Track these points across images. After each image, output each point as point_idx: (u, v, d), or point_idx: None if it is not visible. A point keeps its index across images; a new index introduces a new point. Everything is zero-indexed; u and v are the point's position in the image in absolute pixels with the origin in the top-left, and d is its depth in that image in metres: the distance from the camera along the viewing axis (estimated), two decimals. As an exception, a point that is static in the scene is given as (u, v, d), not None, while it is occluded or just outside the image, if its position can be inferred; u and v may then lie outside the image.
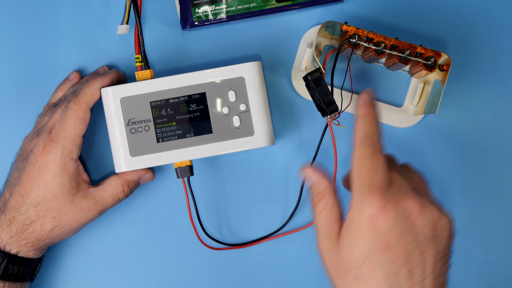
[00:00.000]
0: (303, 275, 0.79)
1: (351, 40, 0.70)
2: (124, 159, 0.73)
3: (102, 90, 0.72)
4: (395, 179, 0.60)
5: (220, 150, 0.73)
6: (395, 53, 0.70)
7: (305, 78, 0.70)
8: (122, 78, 0.77)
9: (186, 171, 0.73)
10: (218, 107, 0.73)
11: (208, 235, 0.77)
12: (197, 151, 0.73)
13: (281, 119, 0.79)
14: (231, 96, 0.73)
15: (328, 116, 0.70)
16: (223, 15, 0.75)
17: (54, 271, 0.78)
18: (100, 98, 0.72)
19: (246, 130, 0.73)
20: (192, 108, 0.73)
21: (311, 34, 0.78)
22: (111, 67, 0.78)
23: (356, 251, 0.58)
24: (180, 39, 0.78)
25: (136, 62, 0.75)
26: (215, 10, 0.75)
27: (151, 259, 0.79)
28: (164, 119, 0.73)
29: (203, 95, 0.73)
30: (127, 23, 0.75)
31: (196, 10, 0.75)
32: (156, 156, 0.73)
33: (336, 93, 0.76)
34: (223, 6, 0.75)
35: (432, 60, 0.70)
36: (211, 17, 0.75)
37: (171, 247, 0.79)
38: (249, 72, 0.73)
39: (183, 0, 0.75)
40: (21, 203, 0.70)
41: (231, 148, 0.73)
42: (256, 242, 0.79)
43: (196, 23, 0.76)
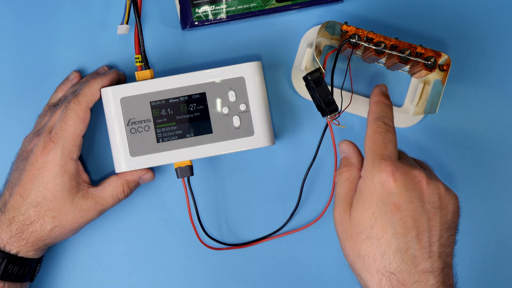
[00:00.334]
0: (303, 275, 0.79)
1: (351, 40, 0.70)
2: (124, 159, 0.73)
3: (102, 90, 0.72)
4: (404, 157, 0.65)
5: (220, 150, 0.73)
6: (395, 53, 0.70)
7: (305, 78, 0.70)
8: (122, 78, 0.77)
9: (186, 171, 0.73)
10: (218, 107, 0.73)
11: (208, 235, 0.77)
12: (197, 151, 0.73)
13: (281, 119, 0.79)
14: (231, 96, 0.73)
15: (328, 116, 0.70)
16: (223, 15, 0.75)
17: (54, 271, 0.78)
18: (100, 98, 0.72)
19: (246, 130, 0.73)
20: (192, 108, 0.73)
21: (311, 34, 0.78)
22: (111, 67, 0.78)
23: (367, 213, 0.61)
24: (180, 39, 0.78)
25: (136, 62, 0.75)
26: (215, 10, 0.75)
27: (151, 259, 0.79)
28: (164, 119, 0.73)
29: (203, 95, 0.73)
30: (127, 23, 0.75)
31: (196, 10, 0.75)
32: (156, 156, 0.73)
33: (336, 93, 0.76)
34: (223, 6, 0.75)
35: (432, 60, 0.70)
36: (211, 17, 0.75)
37: (171, 247, 0.79)
38: (249, 72, 0.73)
39: (183, 0, 0.75)
40: (21, 203, 0.70)
41: (231, 148, 0.73)
42: (256, 242, 0.79)
43: (196, 23, 0.76)
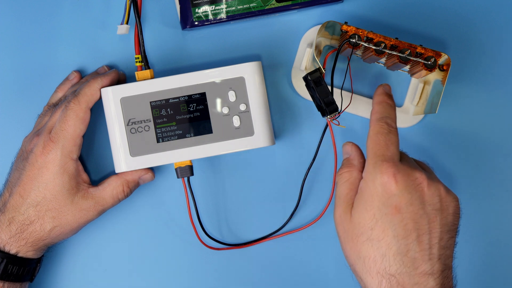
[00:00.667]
0: (303, 275, 0.79)
1: (351, 40, 0.70)
2: (124, 159, 0.73)
3: (102, 90, 0.72)
4: (406, 158, 0.65)
5: (220, 150, 0.73)
6: (395, 53, 0.70)
7: (305, 78, 0.70)
8: (122, 78, 0.77)
9: (186, 171, 0.73)
10: (218, 107, 0.73)
11: (208, 235, 0.77)
12: (197, 151, 0.73)
13: (281, 119, 0.79)
14: (231, 96, 0.73)
15: (328, 116, 0.70)
16: (223, 15, 0.75)
17: (54, 271, 0.78)
18: (100, 98, 0.72)
19: (246, 130, 0.73)
20: (192, 108, 0.73)
21: (311, 34, 0.78)
22: (111, 67, 0.78)
23: (368, 214, 0.61)
24: (180, 39, 0.78)
25: (136, 62, 0.75)
26: (215, 10, 0.75)
27: (151, 259, 0.79)
28: (164, 119, 0.73)
29: (203, 95, 0.73)
30: (127, 23, 0.75)
31: (196, 10, 0.75)
32: (156, 156, 0.73)
33: (336, 93, 0.76)
34: (223, 6, 0.75)
35: (432, 60, 0.70)
36: (211, 17, 0.75)
37: (171, 247, 0.79)
38: (249, 72, 0.73)
39: (183, 0, 0.75)
40: (20, 203, 0.70)
41: (231, 148, 0.73)
42: (256, 242, 0.79)
43: (196, 23, 0.76)
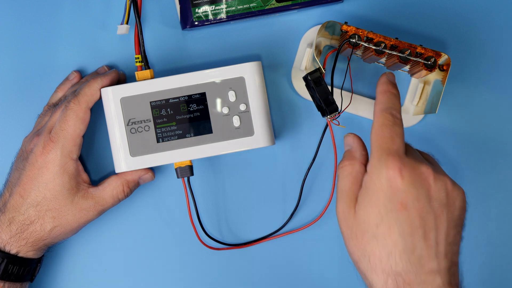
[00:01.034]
0: (303, 275, 0.79)
1: (351, 40, 0.70)
2: (124, 159, 0.73)
3: (102, 90, 0.72)
4: (411, 151, 0.63)
5: (220, 150, 0.73)
6: (395, 53, 0.70)
7: (305, 78, 0.70)
8: (122, 78, 0.77)
9: (186, 171, 0.73)
10: (218, 107, 0.73)
11: (208, 235, 0.77)
12: (197, 151, 0.73)
13: (281, 119, 0.79)
14: (231, 96, 0.73)
15: (328, 116, 0.70)
16: (223, 15, 0.75)
17: (54, 271, 0.78)
18: (100, 98, 0.72)
19: (246, 130, 0.73)
20: (192, 108, 0.73)
21: (311, 34, 0.78)
22: (111, 67, 0.78)
23: (373, 211, 0.60)
24: (180, 39, 0.78)
25: (136, 62, 0.75)
26: (215, 10, 0.75)
27: (151, 259, 0.79)
28: (164, 119, 0.73)
29: (203, 95, 0.73)
30: (127, 23, 0.75)
31: (196, 10, 0.75)
32: (156, 156, 0.73)
33: (336, 93, 0.76)
34: (223, 6, 0.75)
35: (432, 60, 0.70)
36: (211, 17, 0.75)
37: (171, 247, 0.79)
38: (249, 72, 0.73)
39: (183, 0, 0.75)
40: (21, 203, 0.70)
41: (231, 148, 0.73)
42: (256, 242, 0.79)
43: (196, 23, 0.76)
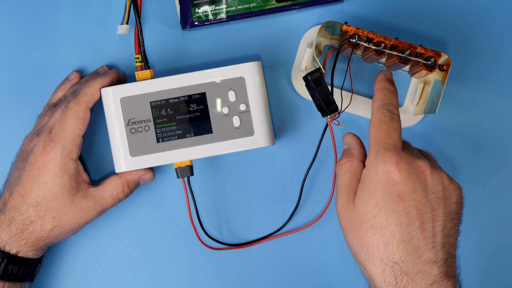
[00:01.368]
0: (303, 275, 0.79)
1: (351, 40, 0.70)
2: (124, 159, 0.73)
3: (102, 90, 0.72)
4: (409, 147, 0.65)
5: (220, 150, 0.73)
6: (395, 53, 0.70)
7: (305, 78, 0.70)
8: (122, 78, 0.77)
9: (186, 171, 0.73)
10: (218, 107, 0.73)
11: (208, 235, 0.77)
12: (197, 151, 0.73)
13: (281, 119, 0.79)
14: (231, 96, 0.73)
15: (328, 116, 0.70)
16: (223, 15, 0.75)
17: (54, 271, 0.78)
18: (100, 98, 0.72)
19: (246, 130, 0.73)
20: (192, 108, 0.73)
21: (311, 34, 0.78)
22: (111, 67, 0.78)
23: (371, 203, 0.61)
24: (180, 39, 0.78)
25: (136, 62, 0.75)
26: (215, 10, 0.75)
27: (151, 259, 0.79)
28: (164, 119, 0.73)
29: (203, 95, 0.73)
30: (127, 23, 0.75)
31: (196, 10, 0.75)
32: (156, 156, 0.73)
33: (336, 93, 0.76)
34: (223, 6, 0.75)
35: (432, 60, 0.70)
36: (211, 17, 0.75)
37: (171, 247, 0.79)
38: (249, 72, 0.73)
39: (183, 0, 0.75)
40: (21, 203, 0.70)
41: (231, 148, 0.73)
42: (256, 242, 0.79)
43: (196, 23, 0.76)
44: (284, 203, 0.79)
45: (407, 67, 0.74)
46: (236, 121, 0.73)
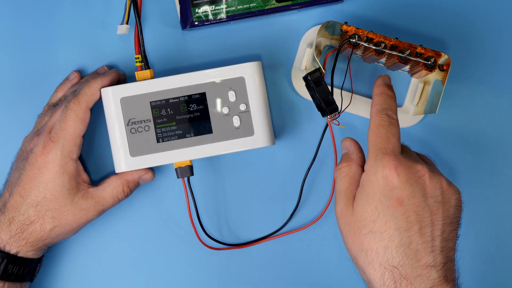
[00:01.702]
0: (303, 275, 0.79)
1: (351, 40, 0.70)
2: (124, 159, 0.73)
3: (102, 90, 0.72)
4: (407, 151, 0.65)
5: (220, 150, 0.73)
6: (395, 53, 0.70)
7: (305, 78, 0.70)
8: (122, 78, 0.77)
9: (186, 171, 0.73)
10: (218, 107, 0.73)
11: (208, 235, 0.77)
12: (197, 151, 0.73)
13: (281, 119, 0.79)
14: (231, 96, 0.73)
15: (328, 116, 0.70)
16: (223, 15, 0.75)
17: (54, 271, 0.78)
18: (100, 98, 0.72)
19: (246, 130, 0.73)
20: (192, 108, 0.73)
21: (311, 34, 0.78)
22: (111, 67, 0.78)
23: (370, 207, 0.61)
24: (180, 39, 0.78)
25: (136, 62, 0.75)
26: (215, 10, 0.75)
27: (151, 259, 0.79)
28: (164, 119, 0.73)
29: (203, 95, 0.73)
30: (127, 23, 0.75)
31: (196, 10, 0.75)
32: (156, 156, 0.73)
33: (336, 93, 0.76)
34: (223, 6, 0.75)
35: (432, 60, 0.70)
36: (211, 17, 0.75)
37: (171, 247, 0.79)
38: (249, 72, 0.73)
39: (183, 0, 0.75)
40: (20, 203, 0.70)
41: (231, 148, 0.73)
42: (256, 242, 0.79)
43: (196, 23, 0.76)
44: (284, 203, 0.79)
45: (407, 67, 0.74)
46: (236, 121, 0.73)
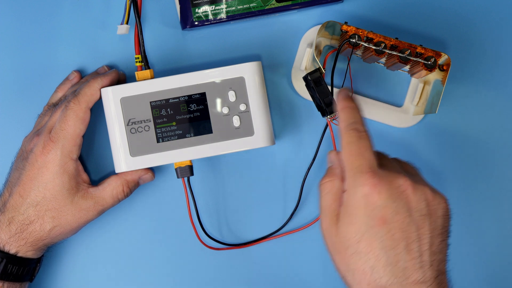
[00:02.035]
0: (303, 275, 0.79)
1: (351, 40, 0.70)
2: (124, 159, 0.73)
3: (102, 90, 0.72)
4: (386, 163, 0.62)
5: (220, 150, 0.73)
6: (395, 53, 0.70)
7: (305, 78, 0.70)
8: (122, 78, 0.77)
9: (186, 171, 0.73)
10: (218, 107, 0.73)
11: (208, 235, 0.77)
12: (197, 151, 0.73)
13: (281, 119, 0.79)
14: (231, 96, 0.73)
15: (328, 116, 0.70)
16: (223, 15, 0.75)
17: (53, 271, 0.78)
18: (100, 98, 0.72)
19: (246, 130, 0.73)
20: (192, 108, 0.73)
21: (311, 34, 0.78)
22: (111, 67, 0.78)
23: (353, 228, 0.59)
24: (180, 39, 0.79)
25: (136, 62, 0.75)
26: (215, 10, 0.75)
27: (151, 259, 0.79)
28: (164, 119, 0.73)
29: (203, 95, 0.73)
30: (127, 23, 0.75)
31: (196, 10, 0.75)
32: (156, 156, 0.73)
33: (336, 93, 0.76)
34: (223, 6, 0.75)
35: (432, 60, 0.70)
36: (211, 17, 0.75)
37: (171, 247, 0.79)
38: (249, 72, 0.73)
39: (183, 0, 0.75)
40: (20, 203, 0.70)
41: (231, 148, 0.73)
42: (256, 242, 0.79)
43: (196, 23, 0.76)
44: (284, 203, 0.79)
45: (407, 67, 0.74)
46: (236, 121, 0.73)
